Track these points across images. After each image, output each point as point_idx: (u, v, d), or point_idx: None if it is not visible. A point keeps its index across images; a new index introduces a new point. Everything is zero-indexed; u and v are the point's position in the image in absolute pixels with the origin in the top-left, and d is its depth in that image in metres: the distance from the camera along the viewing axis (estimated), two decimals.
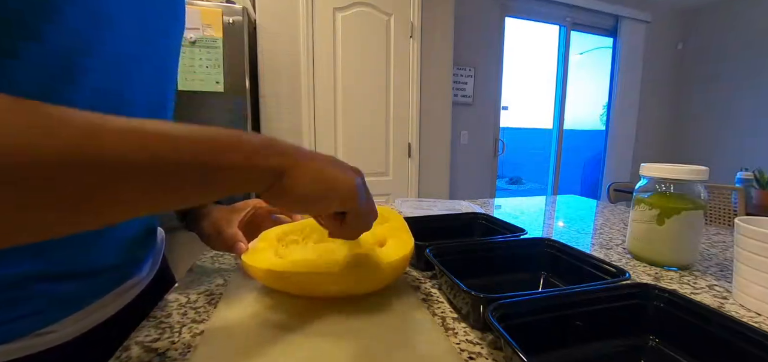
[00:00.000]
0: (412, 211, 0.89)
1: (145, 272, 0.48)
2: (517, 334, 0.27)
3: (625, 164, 3.46)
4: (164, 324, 0.38)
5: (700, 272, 0.55)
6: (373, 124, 2.11)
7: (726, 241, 0.72)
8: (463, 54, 2.69)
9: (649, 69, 3.43)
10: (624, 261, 0.59)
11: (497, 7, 2.84)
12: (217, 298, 0.44)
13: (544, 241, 0.54)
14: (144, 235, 0.47)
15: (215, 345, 0.34)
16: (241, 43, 1.63)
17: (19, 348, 0.33)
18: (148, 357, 0.32)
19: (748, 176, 2.15)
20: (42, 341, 0.34)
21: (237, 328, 0.37)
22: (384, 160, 2.17)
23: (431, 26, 2.17)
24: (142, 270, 0.47)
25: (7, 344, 0.32)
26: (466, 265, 0.47)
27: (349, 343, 0.34)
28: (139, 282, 0.46)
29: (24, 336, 0.33)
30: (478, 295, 0.35)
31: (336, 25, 1.97)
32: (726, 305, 0.44)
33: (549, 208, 1.05)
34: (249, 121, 1.68)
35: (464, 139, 2.86)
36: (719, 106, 3.34)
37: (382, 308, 0.41)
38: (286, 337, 0.35)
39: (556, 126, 3.36)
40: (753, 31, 3.07)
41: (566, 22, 3.16)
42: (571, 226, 0.84)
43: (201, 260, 0.58)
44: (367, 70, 2.05)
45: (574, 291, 0.37)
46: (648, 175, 0.57)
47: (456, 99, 2.74)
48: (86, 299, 0.38)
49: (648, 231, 0.56)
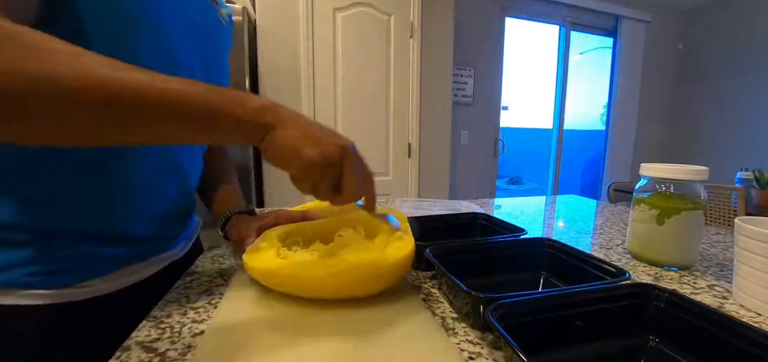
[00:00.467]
0: (412, 211, 0.89)
1: (178, 248, 0.55)
2: (517, 334, 0.27)
3: (625, 164, 3.46)
4: (164, 324, 0.38)
5: (700, 272, 0.55)
6: (373, 124, 2.11)
7: (726, 241, 0.72)
8: (463, 54, 2.69)
9: (649, 69, 3.43)
10: (624, 261, 0.59)
11: (497, 7, 2.84)
12: (217, 298, 0.44)
13: (544, 241, 0.54)
14: (179, 214, 0.55)
15: (215, 345, 0.34)
16: (241, 43, 1.63)
17: (59, 294, 0.39)
18: (148, 357, 0.32)
19: (748, 176, 2.15)
20: (80, 292, 0.41)
21: (237, 328, 0.37)
22: (384, 160, 2.17)
23: (431, 26, 2.17)
24: (176, 246, 0.54)
25: (51, 289, 0.39)
26: (466, 265, 0.47)
27: (350, 344, 0.34)
28: (172, 256, 0.53)
29: (67, 287, 0.40)
30: (478, 295, 0.35)
31: (336, 25, 1.97)
32: (726, 305, 0.44)
33: (549, 208, 1.05)
34: None
35: (464, 139, 2.86)
36: (719, 106, 3.33)
37: (382, 308, 0.41)
38: (287, 338, 0.35)
39: (556, 126, 3.36)
40: (753, 31, 3.07)
41: (566, 22, 3.16)
42: (571, 226, 0.84)
43: (201, 260, 0.58)
44: (367, 70, 2.05)
45: (574, 291, 0.37)
46: (648, 175, 0.57)
47: (456, 99, 2.74)
48: (123, 262, 0.45)
49: (648, 231, 0.56)
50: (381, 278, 0.42)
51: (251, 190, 1.73)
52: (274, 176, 1.96)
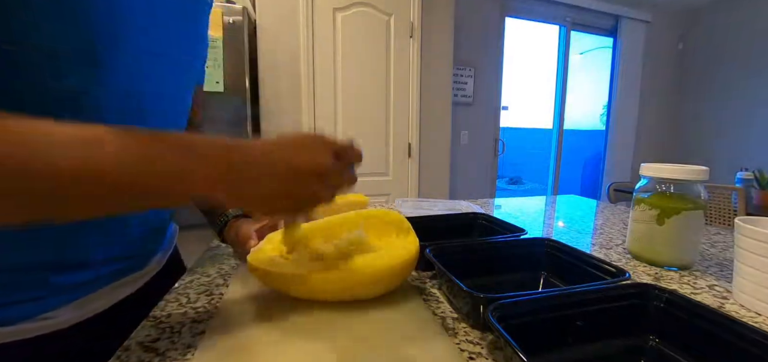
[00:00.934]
0: (412, 211, 0.89)
1: (150, 266, 0.49)
2: (517, 334, 0.27)
3: (625, 164, 3.46)
4: (164, 324, 0.38)
5: (700, 272, 0.55)
6: (373, 124, 2.11)
7: (726, 241, 0.72)
8: (463, 54, 2.69)
9: (649, 69, 3.42)
10: (624, 261, 0.59)
11: (497, 7, 2.84)
12: (217, 298, 0.44)
13: (544, 241, 0.54)
14: (153, 232, 0.49)
15: (215, 345, 0.34)
16: (241, 43, 1.63)
17: (16, 331, 0.34)
18: (148, 357, 0.32)
19: (748, 176, 2.15)
20: (40, 326, 0.35)
21: (237, 328, 0.37)
22: (384, 160, 2.17)
23: (431, 26, 2.17)
24: (148, 264, 0.49)
25: (5, 327, 0.33)
26: (466, 265, 0.47)
27: (350, 343, 0.34)
28: (143, 274, 0.47)
29: (24, 320, 0.35)
30: (478, 295, 0.35)
31: (336, 25, 1.97)
32: (726, 305, 0.44)
33: (549, 208, 1.05)
34: (249, 121, 1.68)
35: (464, 139, 2.86)
36: (719, 106, 3.33)
37: (383, 308, 0.41)
38: (287, 338, 0.35)
39: (556, 126, 3.36)
40: (753, 31, 3.07)
41: (566, 22, 3.16)
42: (571, 226, 0.84)
43: (201, 260, 0.58)
44: (367, 70, 2.05)
45: (574, 291, 0.37)
46: (648, 175, 0.57)
47: (456, 99, 2.73)
48: (87, 288, 0.39)
49: (648, 231, 0.56)
50: (384, 281, 0.42)
51: None
52: None
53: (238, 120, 1.66)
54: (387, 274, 0.41)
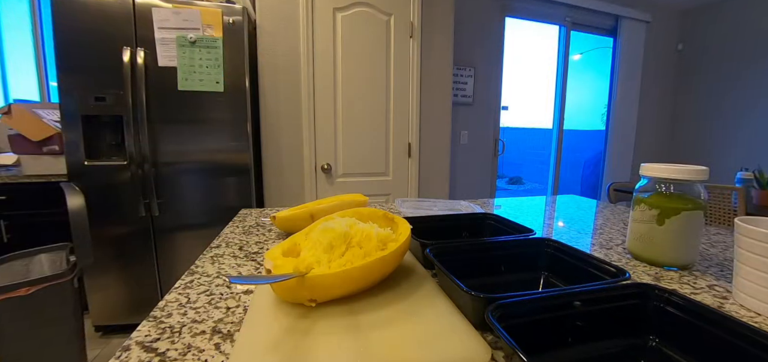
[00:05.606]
0: (412, 211, 0.89)
1: None
2: (517, 334, 0.27)
3: (625, 164, 3.46)
4: (164, 324, 0.38)
5: (700, 272, 0.55)
6: (373, 124, 2.11)
7: (726, 241, 0.72)
8: (463, 54, 2.69)
9: (649, 69, 3.43)
10: (624, 261, 0.59)
11: (497, 7, 2.84)
12: (217, 298, 0.44)
13: (544, 241, 0.54)
14: None
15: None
16: (241, 43, 1.63)
17: None
18: (148, 357, 0.32)
19: (748, 176, 2.15)
20: None
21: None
22: (384, 160, 2.17)
23: (431, 26, 2.17)
24: None
25: None
26: (466, 265, 0.47)
27: (359, 341, 0.34)
28: None
29: None
30: (478, 295, 0.35)
31: (336, 25, 1.97)
32: (726, 305, 0.44)
33: (549, 208, 1.05)
34: (249, 121, 1.68)
35: (464, 139, 2.87)
36: (719, 106, 3.33)
37: (399, 303, 0.41)
38: (289, 338, 0.35)
39: (556, 126, 3.36)
40: (753, 32, 3.07)
41: (566, 22, 3.16)
42: (571, 226, 0.84)
43: (201, 260, 0.58)
44: (367, 70, 2.05)
45: (574, 291, 0.37)
46: (648, 175, 0.57)
47: (456, 99, 2.74)
48: None
49: (648, 231, 0.56)
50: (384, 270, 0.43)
51: (251, 190, 1.73)
52: (274, 176, 1.96)
53: (238, 120, 1.66)
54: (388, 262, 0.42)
